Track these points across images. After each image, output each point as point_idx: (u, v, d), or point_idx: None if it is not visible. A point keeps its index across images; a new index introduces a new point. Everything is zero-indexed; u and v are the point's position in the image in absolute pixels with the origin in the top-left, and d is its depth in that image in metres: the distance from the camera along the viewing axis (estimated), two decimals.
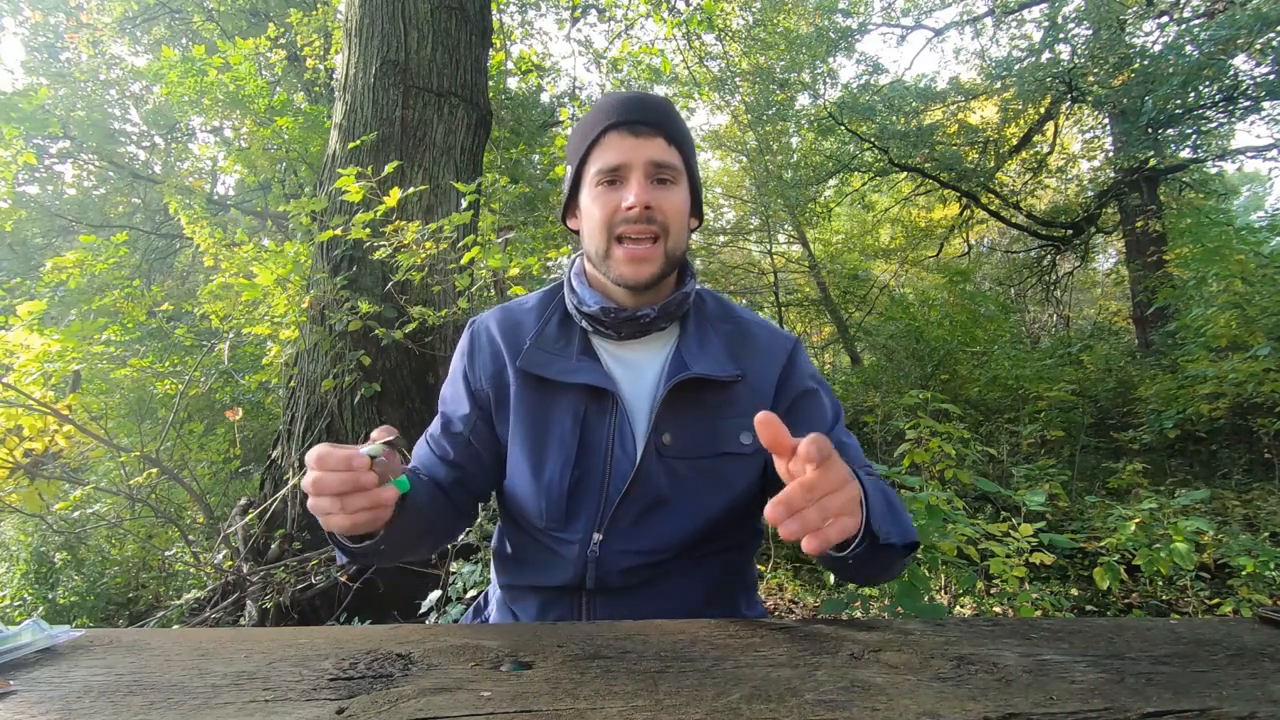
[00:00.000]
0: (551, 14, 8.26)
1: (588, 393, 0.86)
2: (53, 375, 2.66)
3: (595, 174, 0.85)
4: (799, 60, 9.29)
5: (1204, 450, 4.66)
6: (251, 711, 0.46)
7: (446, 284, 2.59)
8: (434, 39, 3.09)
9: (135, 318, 3.95)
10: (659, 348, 0.91)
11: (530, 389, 0.88)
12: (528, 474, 0.86)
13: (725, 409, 0.86)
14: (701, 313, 0.94)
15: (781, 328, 0.99)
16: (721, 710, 0.46)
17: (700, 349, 0.88)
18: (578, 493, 0.85)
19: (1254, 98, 6.05)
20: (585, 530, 0.84)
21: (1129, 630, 0.63)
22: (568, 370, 0.87)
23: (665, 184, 0.85)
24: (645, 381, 0.89)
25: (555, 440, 0.86)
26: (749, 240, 12.65)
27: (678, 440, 0.84)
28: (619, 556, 0.83)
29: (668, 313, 0.89)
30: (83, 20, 8.71)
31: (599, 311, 0.88)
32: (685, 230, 0.88)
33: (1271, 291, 4.43)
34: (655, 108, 0.86)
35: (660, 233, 0.84)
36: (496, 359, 0.92)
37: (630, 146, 0.83)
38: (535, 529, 0.88)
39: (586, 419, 0.85)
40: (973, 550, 2.07)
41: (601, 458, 0.85)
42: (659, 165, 0.84)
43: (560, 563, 0.85)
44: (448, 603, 1.99)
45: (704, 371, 0.85)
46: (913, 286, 10.91)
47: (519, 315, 0.95)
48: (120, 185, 9.42)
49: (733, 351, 0.90)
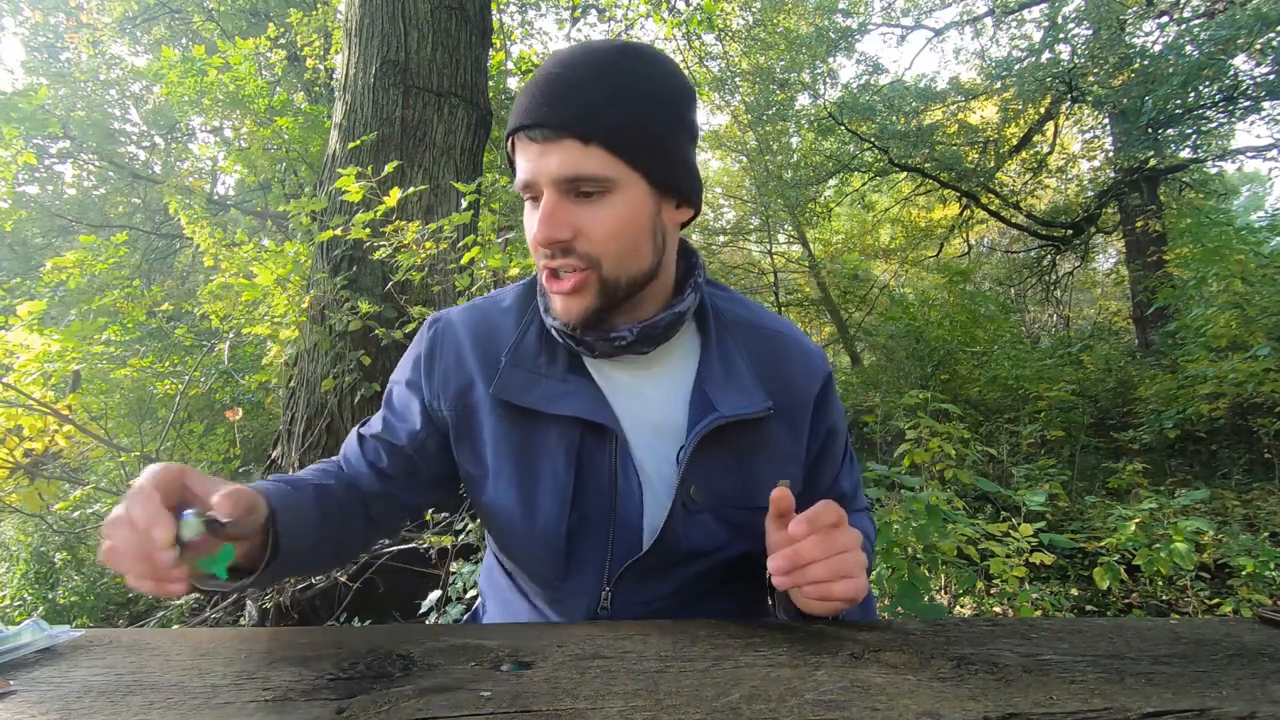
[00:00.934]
0: (551, 14, 8.26)
1: (581, 423, 0.71)
2: (53, 375, 2.66)
3: (519, 188, 0.68)
4: (799, 60, 9.29)
5: (1204, 450, 4.66)
6: (251, 711, 0.46)
7: (446, 284, 2.59)
8: (434, 39, 3.09)
9: (135, 318, 3.95)
10: (672, 365, 0.75)
11: (510, 419, 0.72)
12: (518, 517, 0.72)
13: (758, 451, 0.73)
14: (721, 319, 0.77)
15: (813, 344, 0.83)
16: (721, 710, 0.46)
17: (726, 377, 0.73)
18: (578, 538, 0.71)
19: (1254, 98, 6.05)
20: (593, 585, 0.72)
21: (1129, 630, 0.63)
22: (553, 396, 0.70)
23: (590, 197, 0.64)
24: (658, 409, 0.73)
25: (546, 479, 0.71)
26: (749, 240, 12.65)
27: (707, 492, 0.71)
28: (634, 608, 0.72)
29: (649, 337, 0.71)
30: (83, 20, 8.71)
31: (565, 325, 0.70)
32: (632, 248, 0.67)
33: (1271, 291, 4.43)
34: (574, 95, 0.62)
35: (583, 265, 0.65)
36: (462, 373, 0.75)
37: (534, 157, 0.64)
38: (529, 579, 0.77)
39: (582, 453, 0.71)
40: (973, 550, 2.07)
41: (604, 498, 0.71)
42: (573, 179, 0.63)
43: (562, 616, 0.75)
44: (448, 603, 1.99)
45: (733, 412, 0.70)
46: (913, 286, 10.91)
47: (493, 318, 0.77)
48: (120, 185, 9.43)
49: (761, 374, 0.74)
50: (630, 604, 0.72)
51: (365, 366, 2.69)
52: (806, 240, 11.30)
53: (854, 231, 12.66)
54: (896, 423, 4.33)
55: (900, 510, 1.93)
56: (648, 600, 0.73)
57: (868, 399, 6.24)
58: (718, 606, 0.77)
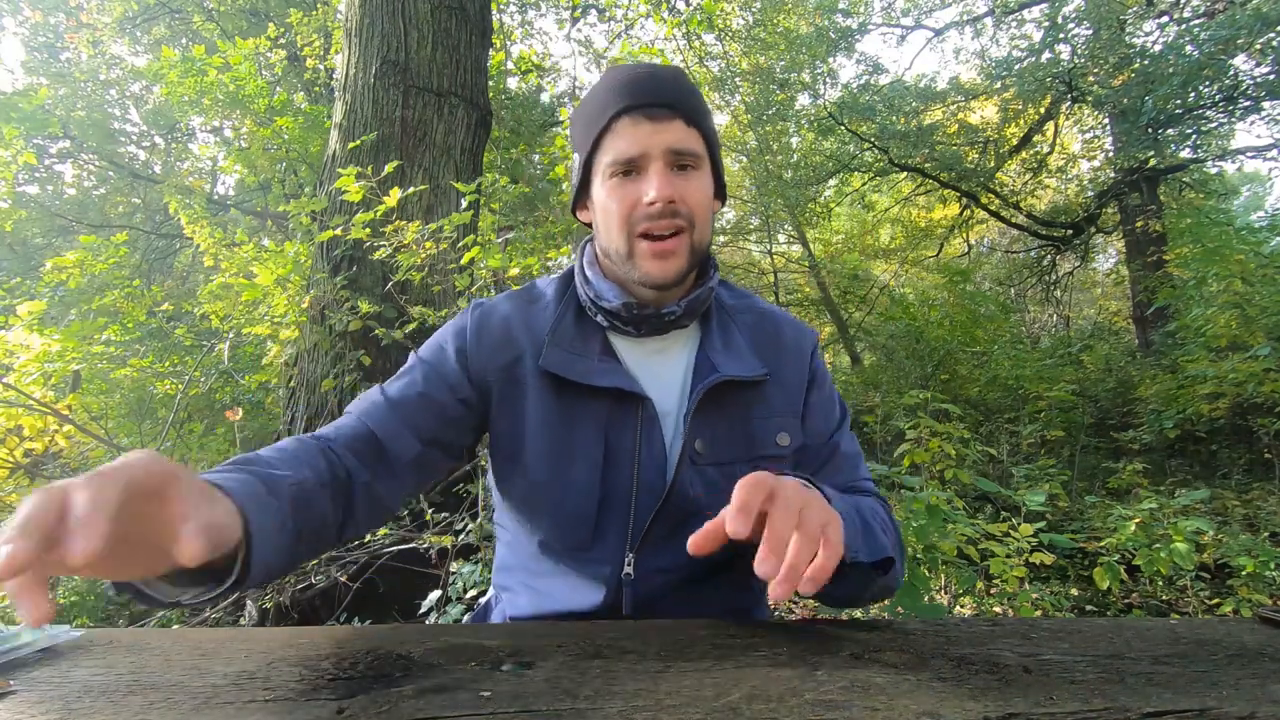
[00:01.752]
0: (551, 14, 8.26)
1: (612, 397, 0.78)
2: (53, 375, 2.66)
3: (609, 164, 0.76)
4: (799, 60, 9.30)
5: (1204, 450, 4.66)
6: (251, 711, 0.46)
7: (446, 284, 2.59)
8: (434, 39, 3.09)
9: (135, 318, 3.95)
10: (680, 347, 0.84)
11: (551, 391, 0.79)
12: (555, 490, 0.78)
13: (758, 408, 0.81)
14: (721, 305, 0.87)
15: (801, 321, 0.94)
16: (721, 710, 0.46)
17: (725, 348, 0.82)
18: (604, 508, 0.77)
19: (1254, 98, 6.05)
20: (616, 551, 0.77)
21: (1129, 630, 0.63)
22: (591, 372, 0.78)
23: (687, 171, 0.76)
24: (669, 384, 0.81)
25: (580, 450, 0.77)
26: (749, 240, 12.65)
27: (711, 447, 0.78)
28: (655, 576, 0.77)
29: (693, 309, 0.81)
30: (83, 20, 8.72)
31: (620, 307, 0.79)
32: (710, 219, 0.80)
33: (1271, 291, 4.43)
34: (671, 85, 0.76)
35: (686, 226, 0.76)
36: (512, 348, 0.81)
37: (646, 133, 0.74)
38: (559, 551, 0.80)
39: (610, 426, 0.78)
40: (973, 550, 2.07)
41: (628, 470, 0.77)
42: (679, 153, 0.75)
43: (590, 588, 0.77)
44: (448, 603, 1.99)
45: (734, 373, 0.79)
46: (913, 286, 10.91)
47: (534, 303, 0.85)
48: (120, 185, 9.43)
49: (758, 347, 0.84)
50: (651, 571, 0.77)
51: (365, 366, 2.69)
52: (806, 240, 11.31)
53: (854, 231, 12.67)
54: (896, 423, 4.33)
55: (900, 510, 1.93)
56: (667, 568, 0.77)
57: (868, 399, 6.24)
58: (729, 591, 0.81)
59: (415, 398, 0.80)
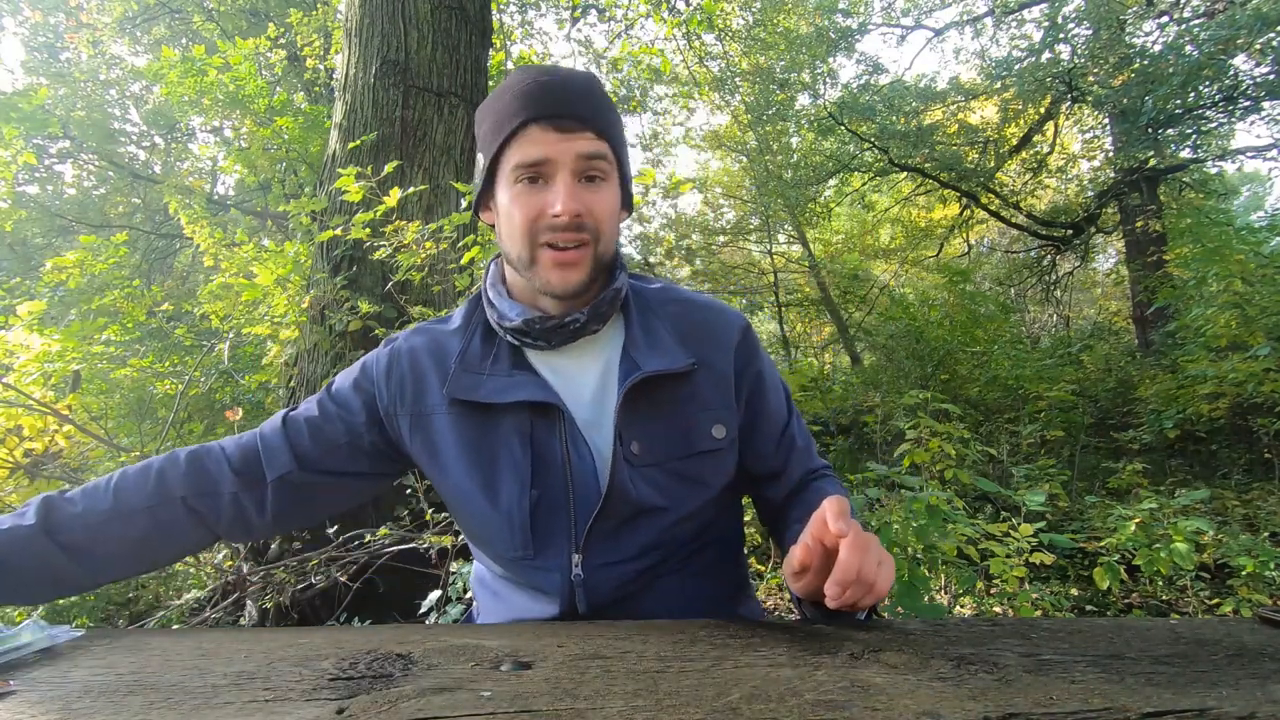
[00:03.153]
0: (551, 14, 8.26)
1: (531, 410, 0.78)
2: (53, 375, 2.66)
3: (515, 168, 0.75)
4: (799, 60, 9.29)
5: (1204, 450, 4.66)
6: (251, 711, 0.46)
7: (446, 284, 2.59)
8: (434, 39, 3.09)
9: (135, 318, 3.94)
10: (601, 348, 0.83)
11: (465, 417, 0.80)
12: (484, 505, 0.79)
13: (690, 404, 0.81)
14: (642, 303, 0.86)
15: (729, 306, 0.93)
16: (721, 710, 0.46)
17: (649, 344, 0.81)
18: (541, 514, 0.78)
19: (1254, 98, 6.05)
20: (563, 554, 0.78)
21: (1129, 630, 0.63)
22: (501, 389, 0.78)
23: (595, 181, 0.76)
24: (590, 387, 0.81)
25: (505, 464, 0.78)
26: (749, 240, 12.65)
27: (647, 447, 0.78)
28: (604, 572, 0.78)
29: (599, 314, 0.80)
30: (83, 20, 8.71)
31: (522, 324, 0.79)
32: (616, 230, 0.80)
33: (1271, 291, 4.43)
34: (582, 95, 0.75)
35: (590, 239, 0.75)
36: (419, 383, 0.82)
37: (554, 141, 0.73)
38: (508, 561, 0.82)
39: (534, 436, 0.78)
40: (973, 550, 2.07)
41: (559, 474, 0.78)
42: (588, 160, 0.74)
43: (544, 594, 0.79)
44: (448, 603, 1.99)
45: (657, 368, 0.78)
46: (913, 286, 10.91)
47: (442, 336, 0.85)
48: (120, 185, 9.42)
49: (682, 337, 0.83)
50: (602, 572, 0.78)
51: None
52: (806, 240, 11.31)
53: (854, 231, 12.66)
54: (896, 423, 4.33)
55: (900, 510, 1.92)
56: (617, 564, 0.78)
57: (868, 399, 6.24)
58: (694, 585, 0.83)
59: (304, 423, 0.84)
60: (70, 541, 0.73)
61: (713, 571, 0.87)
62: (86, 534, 0.74)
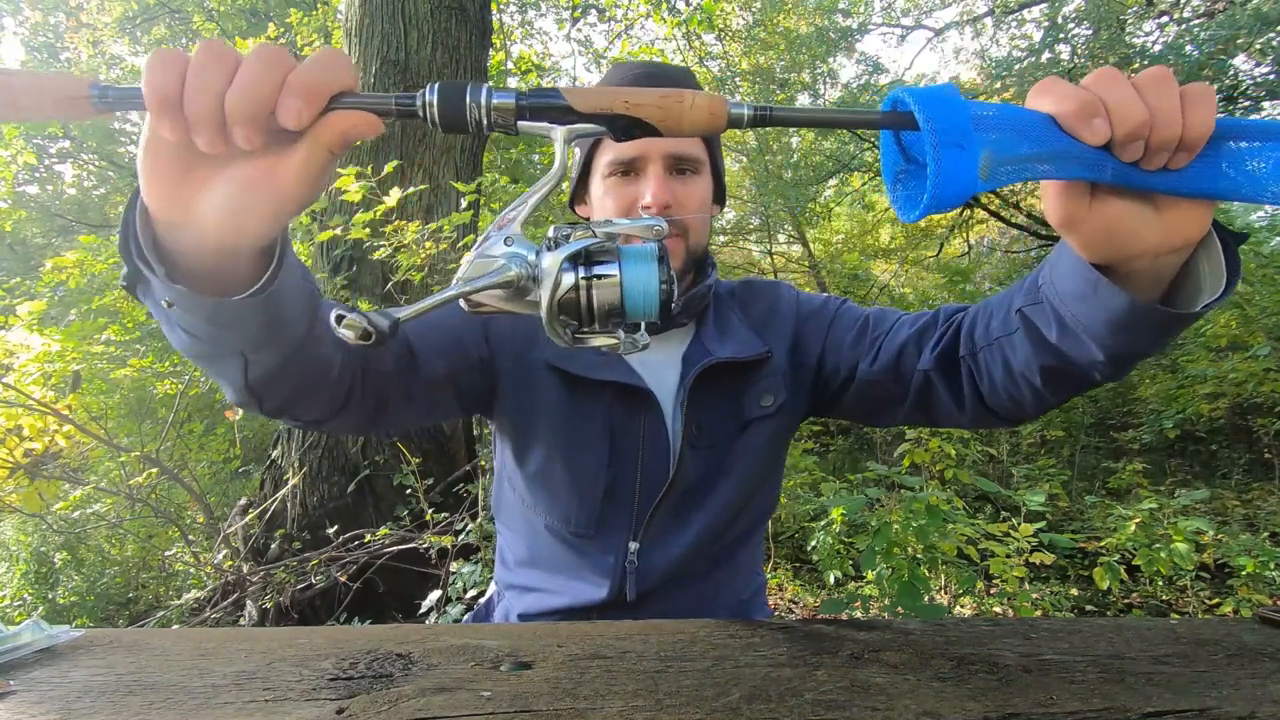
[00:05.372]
0: (551, 14, 8.26)
1: (614, 391, 0.79)
2: (53, 375, 2.66)
3: (608, 164, 0.77)
4: (799, 60, 9.29)
5: (1204, 450, 4.66)
6: (251, 711, 0.46)
7: (446, 284, 2.59)
8: (434, 39, 3.09)
9: (135, 318, 3.94)
10: (676, 342, 0.85)
11: (558, 385, 0.80)
12: (563, 475, 0.80)
13: (746, 380, 0.82)
14: (718, 298, 0.88)
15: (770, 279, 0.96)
16: (721, 710, 0.46)
17: (721, 335, 0.83)
18: (609, 497, 0.79)
19: (1254, 98, 6.04)
20: (620, 539, 0.79)
21: (1129, 630, 0.63)
22: (595, 365, 0.79)
23: (686, 175, 0.77)
24: (667, 377, 0.82)
25: (589, 440, 0.79)
26: (749, 240, 12.65)
27: (708, 427, 0.80)
28: (657, 561, 0.79)
29: (690, 307, 0.83)
30: (83, 20, 8.71)
31: None
32: (708, 223, 0.82)
33: (1271, 291, 4.43)
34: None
35: (680, 230, 0.77)
36: (519, 337, 0.82)
37: (647, 139, 0.75)
38: (563, 538, 0.82)
39: (614, 418, 0.79)
40: (973, 550, 2.07)
41: (633, 460, 0.79)
42: (679, 157, 0.76)
43: (595, 576, 0.79)
44: (448, 603, 2.00)
45: (730, 355, 0.80)
46: (913, 286, 10.91)
47: None
48: (120, 185, 9.42)
49: (753, 320, 0.85)
50: (655, 558, 0.79)
51: None
52: (806, 240, 11.31)
53: (854, 231, 12.66)
54: None
55: (900, 510, 1.93)
56: (670, 549, 0.79)
57: None
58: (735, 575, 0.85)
59: (447, 329, 0.78)
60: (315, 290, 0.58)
61: (744, 562, 0.88)
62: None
